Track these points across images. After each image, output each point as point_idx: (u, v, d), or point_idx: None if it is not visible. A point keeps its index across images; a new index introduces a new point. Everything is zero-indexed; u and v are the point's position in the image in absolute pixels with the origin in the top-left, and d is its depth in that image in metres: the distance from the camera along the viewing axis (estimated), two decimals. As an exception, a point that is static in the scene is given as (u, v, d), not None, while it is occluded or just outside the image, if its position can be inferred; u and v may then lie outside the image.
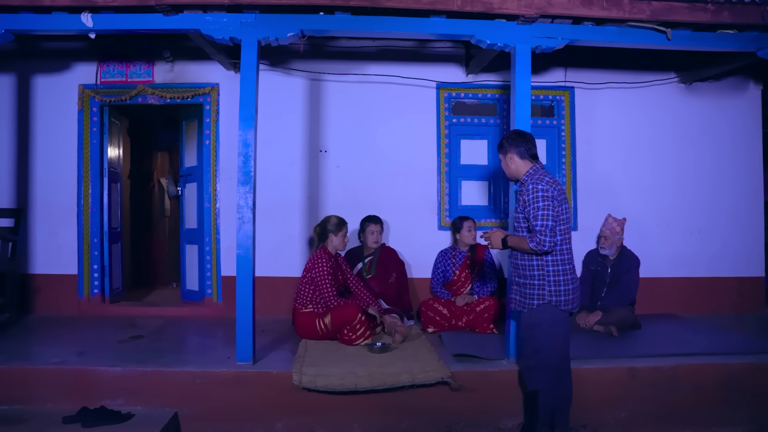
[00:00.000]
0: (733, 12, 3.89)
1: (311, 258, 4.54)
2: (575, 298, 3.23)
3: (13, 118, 5.40)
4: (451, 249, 5.20)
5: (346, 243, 4.68)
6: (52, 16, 3.83)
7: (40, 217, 5.41)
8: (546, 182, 3.16)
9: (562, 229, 3.18)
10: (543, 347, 3.21)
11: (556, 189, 3.17)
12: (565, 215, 3.20)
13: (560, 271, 3.18)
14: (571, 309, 3.23)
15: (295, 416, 3.59)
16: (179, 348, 4.32)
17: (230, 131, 5.33)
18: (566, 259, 3.21)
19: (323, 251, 4.54)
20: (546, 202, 3.10)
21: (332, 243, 4.59)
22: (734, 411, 3.77)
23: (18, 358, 3.86)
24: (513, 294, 3.37)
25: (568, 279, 3.19)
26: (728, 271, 5.66)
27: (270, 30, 3.85)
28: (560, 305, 3.18)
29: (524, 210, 3.21)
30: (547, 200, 3.11)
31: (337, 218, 4.65)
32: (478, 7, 3.75)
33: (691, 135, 5.70)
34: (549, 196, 3.11)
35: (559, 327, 3.22)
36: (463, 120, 5.65)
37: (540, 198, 3.11)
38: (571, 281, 3.20)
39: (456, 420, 3.64)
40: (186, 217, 5.98)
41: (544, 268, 3.19)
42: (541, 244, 3.09)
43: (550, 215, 3.10)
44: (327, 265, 4.45)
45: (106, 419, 3.34)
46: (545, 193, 3.12)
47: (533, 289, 3.21)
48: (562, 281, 3.18)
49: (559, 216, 3.16)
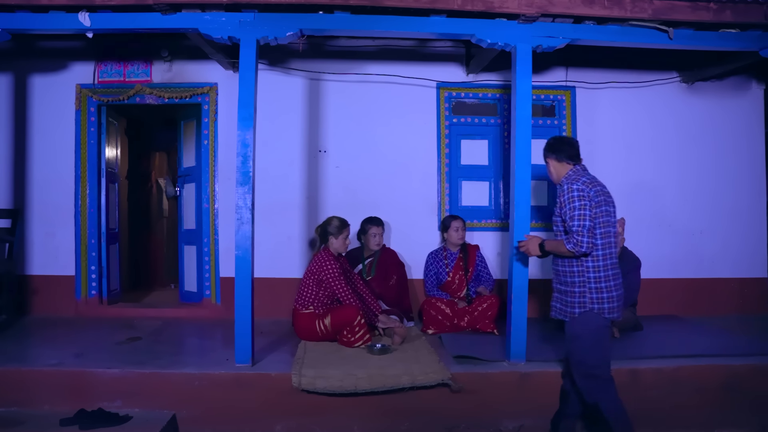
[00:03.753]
0: (735, 11, 3.87)
1: (316, 260, 4.49)
2: (619, 306, 3.11)
3: (10, 118, 5.37)
4: (442, 250, 5.17)
5: (347, 246, 4.63)
6: (50, 15, 3.81)
7: (37, 217, 5.38)
8: (582, 182, 3.10)
9: (603, 232, 3.07)
10: (587, 359, 3.12)
11: (593, 189, 3.09)
12: (606, 217, 3.10)
13: (602, 278, 3.08)
14: (615, 317, 3.11)
15: (295, 418, 3.57)
16: (177, 350, 4.29)
17: (229, 131, 5.30)
18: (609, 264, 3.09)
19: (327, 253, 4.50)
20: (582, 202, 3.04)
21: (332, 245, 4.55)
22: (736, 413, 3.74)
23: (15, 359, 3.84)
24: (554, 302, 3.27)
25: (611, 285, 3.08)
26: (730, 272, 5.63)
27: (269, 29, 3.82)
28: (603, 313, 3.07)
29: (561, 211, 3.14)
30: (583, 200, 3.04)
31: (339, 220, 4.60)
32: (479, 6, 3.73)
33: (693, 135, 5.67)
34: (585, 196, 3.05)
35: (601, 336, 3.11)
36: (463, 120, 5.62)
37: (576, 198, 3.05)
38: (614, 287, 3.09)
39: (456, 422, 3.62)
40: (184, 218, 5.95)
41: (585, 274, 3.09)
42: (578, 245, 3.00)
43: (587, 215, 3.02)
44: (335, 266, 4.41)
45: (104, 421, 3.32)
46: (581, 193, 3.05)
47: (574, 297, 3.11)
48: (605, 287, 3.07)
49: (598, 217, 3.06)
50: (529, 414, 3.66)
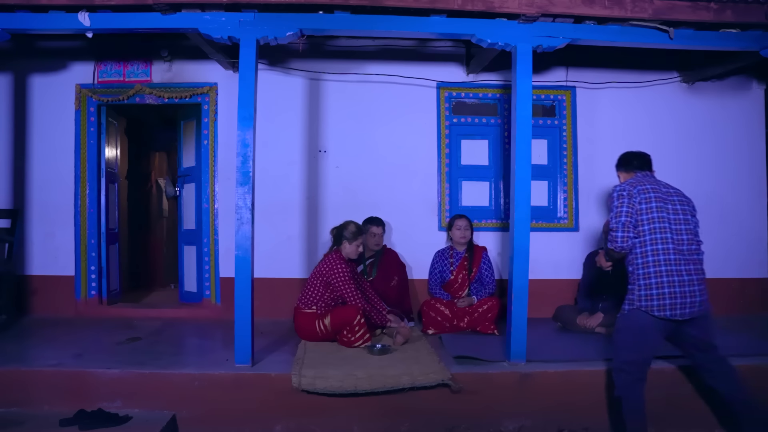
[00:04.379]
0: (735, 11, 3.86)
1: (326, 261, 4.46)
2: (673, 304, 3.05)
3: (10, 118, 5.37)
4: (449, 249, 5.16)
5: (358, 253, 4.61)
6: (49, 15, 3.80)
7: (36, 217, 5.38)
8: (626, 183, 3.25)
9: (650, 228, 3.10)
10: (624, 354, 3.16)
11: (637, 188, 3.18)
12: (655, 213, 3.12)
13: (651, 273, 3.07)
14: (668, 315, 3.05)
15: (294, 419, 3.56)
16: (177, 350, 4.28)
17: (229, 131, 5.29)
18: (659, 260, 3.08)
19: (338, 255, 4.48)
20: (620, 200, 3.16)
21: (345, 249, 4.54)
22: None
23: (15, 360, 3.83)
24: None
25: (663, 282, 3.05)
26: (731, 272, 5.62)
27: (269, 29, 3.81)
28: (651, 310, 3.06)
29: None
30: (622, 198, 3.16)
31: (356, 227, 4.58)
32: (479, 6, 3.72)
33: (694, 135, 5.67)
34: (624, 194, 3.17)
35: (643, 335, 3.12)
36: (463, 120, 5.62)
37: (615, 197, 3.20)
38: (667, 284, 3.05)
39: (456, 422, 3.61)
40: (184, 218, 5.94)
41: (634, 273, 3.14)
42: (613, 240, 3.12)
43: (622, 212, 3.13)
44: (346, 269, 4.40)
45: (104, 422, 3.31)
46: (620, 192, 3.19)
47: (628, 294, 3.18)
48: (654, 284, 3.06)
49: (642, 213, 3.12)
50: (529, 414, 3.66)
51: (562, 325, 4.88)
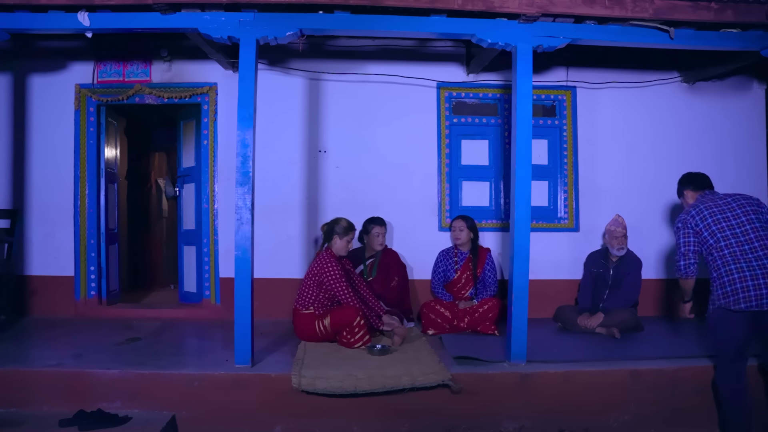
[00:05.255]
0: (736, 11, 3.85)
1: (317, 261, 4.47)
2: (747, 297, 3.29)
3: (9, 118, 5.36)
4: (453, 249, 5.16)
5: (349, 249, 4.61)
6: (49, 15, 3.79)
7: (36, 218, 5.37)
8: (687, 212, 3.56)
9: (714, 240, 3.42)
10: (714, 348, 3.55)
11: (696, 208, 3.53)
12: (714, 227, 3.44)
13: (723, 274, 3.38)
14: (744, 308, 3.30)
15: (294, 419, 3.56)
16: (177, 350, 4.28)
17: (228, 131, 5.29)
18: (728, 261, 3.37)
19: (329, 254, 4.48)
20: (684, 230, 3.53)
21: (335, 245, 4.53)
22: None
23: (14, 360, 3.82)
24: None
25: (735, 278, 3.33)
26: (731, 272, 5.61)
27: (269, 29, 3.81)
28: (729, 306, 3.34)
29: None
30: (678, 230, 3.56)
31: (347, 222, 4.58)
32: (479, 6, 3.71)
33: (694, 135, 5.66)
34: (680, 226, 3.55)
35: (724, 329, 3.40)
36: (464, 120, 5.61)
37: (680, 227, 3.57)
38: (738, 280, 3.32)
39: (456, 423, 3.61)
40: (184, 218, 5.94)
41: (713, 278, 3.47)
42: (677, 269, 3.57)
43: (680, 242, 3.54)
44: (337, 267, 4.39)
45: (103, 422, 3.30)
46: (683, 223, 3.55)
47: (710, 296, 3.50)
48: (728, 281, 3.36)
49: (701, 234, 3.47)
50: (529, 415, 3.65)
51: (563, 325, 4.87)
